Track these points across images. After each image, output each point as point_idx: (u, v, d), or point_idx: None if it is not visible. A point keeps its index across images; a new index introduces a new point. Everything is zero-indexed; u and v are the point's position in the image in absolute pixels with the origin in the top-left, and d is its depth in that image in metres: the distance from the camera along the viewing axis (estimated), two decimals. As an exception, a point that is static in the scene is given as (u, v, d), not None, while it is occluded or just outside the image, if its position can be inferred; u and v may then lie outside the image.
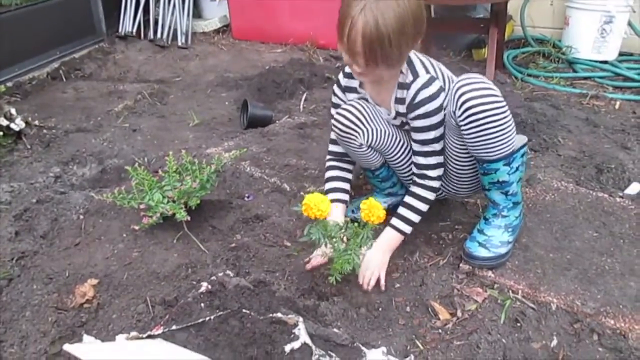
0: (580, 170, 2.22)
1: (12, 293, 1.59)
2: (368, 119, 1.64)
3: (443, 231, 1.82)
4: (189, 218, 1.74)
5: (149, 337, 1.31)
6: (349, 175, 1.79)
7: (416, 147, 1.60)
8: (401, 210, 1.63)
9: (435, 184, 1.62)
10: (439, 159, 1.59)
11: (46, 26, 3.43)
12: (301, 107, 2.98)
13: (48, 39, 3.45)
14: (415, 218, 1.62)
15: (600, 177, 2.20)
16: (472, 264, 1.64)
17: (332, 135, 1.75)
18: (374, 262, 1.57)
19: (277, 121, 2.76)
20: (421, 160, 1.60)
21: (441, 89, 1.50)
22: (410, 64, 1.53)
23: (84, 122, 2.78)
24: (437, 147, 1.58)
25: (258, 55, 3.86)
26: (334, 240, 1.50)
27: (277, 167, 2.25)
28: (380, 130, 1.66)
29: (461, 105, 1.43)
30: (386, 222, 1.57)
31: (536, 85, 3.12)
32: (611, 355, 1.35)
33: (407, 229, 1.62)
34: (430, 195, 1.62)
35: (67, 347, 1.19)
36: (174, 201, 1.77)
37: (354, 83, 1.67)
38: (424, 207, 1.62)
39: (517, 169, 1.57)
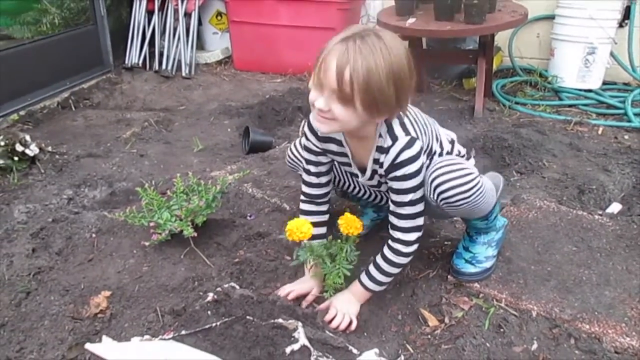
0: (562, 190, 2.34)
1: (31, 304, 1.70)
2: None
3: (433, 247, 1.94)
4: (195, 234, 1.86)
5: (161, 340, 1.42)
6: (325, 217, 1.73)
7: (392, 207, 1.51)
8: (372, 269, 1.60)
9: (410, 249, 1.54)
10: (414, 222, 1.50)
11: (57, 58, 3.57)
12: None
13: (58, 71, 3.58)
14: (385, 280, 1.59)
15: (582, 197, 2.33)
16: (460, 280, 1.74)
17: (304, 177, 1.69)
18: (343, 307, 1.59)
19: (277, 146, 2.89)
20: (395, 221, 1.52)
21: (422, 150, 1.43)
22: (390, 127, 1.43)
23: (94, 148, 2.91)
24: (411, 210, 1.48)
25: (258, 85, 3.99)
26: (321, 258, 1.63)
27: (277, 188, 2.37)
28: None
29: (435, 190, 1.44)
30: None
31: (523, 113, 3.27)
32: (587, 358, 1.46)
33: (376, 288, 1.61)
34: (403, 261, 1.56)
35: (89, 345, 1.30)
36: (181, 219, 1.88)
37: (336, 134, 1.55)
38: (395, 271, 1.58)
39: (495, 217, 1.70)
